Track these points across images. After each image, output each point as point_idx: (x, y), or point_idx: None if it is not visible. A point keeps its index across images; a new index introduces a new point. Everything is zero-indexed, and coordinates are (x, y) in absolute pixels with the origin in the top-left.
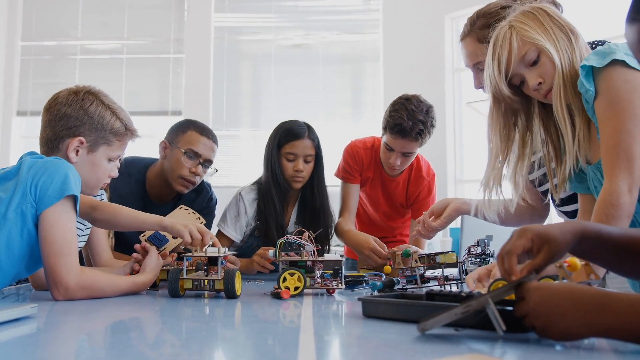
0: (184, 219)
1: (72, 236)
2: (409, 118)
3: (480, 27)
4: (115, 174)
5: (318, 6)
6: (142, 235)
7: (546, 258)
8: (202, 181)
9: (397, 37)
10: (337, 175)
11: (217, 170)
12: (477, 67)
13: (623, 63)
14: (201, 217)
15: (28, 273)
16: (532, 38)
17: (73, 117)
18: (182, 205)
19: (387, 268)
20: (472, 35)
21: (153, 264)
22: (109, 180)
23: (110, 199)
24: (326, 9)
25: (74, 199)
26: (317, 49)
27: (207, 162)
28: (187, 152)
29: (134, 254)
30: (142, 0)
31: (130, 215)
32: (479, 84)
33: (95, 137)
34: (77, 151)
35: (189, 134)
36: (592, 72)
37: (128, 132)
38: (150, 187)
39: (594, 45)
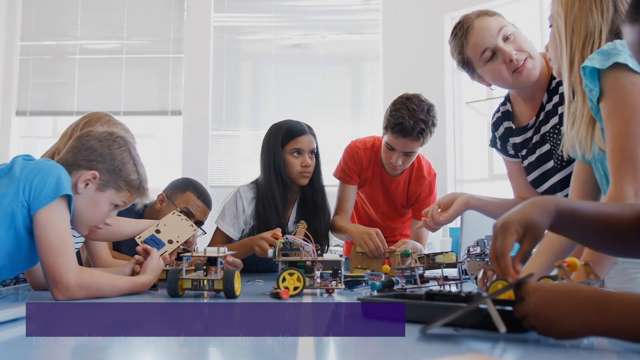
0: (177, 224)
1: (68, 235)
2: (410, 117)
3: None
4: (111, 223)
5: (318, 6)
6: (138, 237)
7: (532, 243)
8: None
9: (397, 37)
10: (335, 175)
11: (205, 233)
12: (502, 39)
13: (626, 66)
14: (194, 225)
15: (10, 275)
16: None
17: (97, 152)
18: (174, 211)
19: (386, 267)
20: (488, 14)
21: (154, 265)
22: (102, 226)
23: None
24: (326, 8)
25: (67, 199)
26: (317, 48)
27: (198, 223)
28: (182, 211)
29: (136, 255)
30: (141, 0)
31: (131, 226)
32: (509, 55)
33: (109, 178)
34: (87, 185)
35: (187, 195)
36: (597, 71)
37: (141, 188)
38: None
39: None
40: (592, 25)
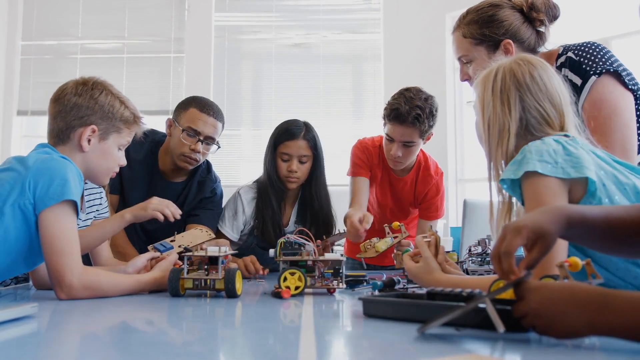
0: (195, 236)
1: (73, 236)
2: (406, 103)
3: (467, 23)
4: (124, 162)
5: (319, 5)
6: None
7: (542, 252)
8: (210, 174)
9: (398, 36)
10: (348, 173)
11: (219, 147)
12: (461, 60)
13: (535, 173)
14: (212, 234)
15: (27, 268)
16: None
17: (84, 107)
18: (200, 228)
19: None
20: (459, 29)
21: (166, 265)
22: (117, 169)
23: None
24: (327, 8)
25: (73, 203)
26: (318, 48)
27: (208, 139)
28: (185, 130)
29: (153, 253)
30: (142, 0)
31: (96, 234)
32: (462, 76)
33: (107, 126)
34: (89, 140)
35: (190, 112)
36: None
37: (136, 120)
38: (161, 163)
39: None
40: (503, 123)
